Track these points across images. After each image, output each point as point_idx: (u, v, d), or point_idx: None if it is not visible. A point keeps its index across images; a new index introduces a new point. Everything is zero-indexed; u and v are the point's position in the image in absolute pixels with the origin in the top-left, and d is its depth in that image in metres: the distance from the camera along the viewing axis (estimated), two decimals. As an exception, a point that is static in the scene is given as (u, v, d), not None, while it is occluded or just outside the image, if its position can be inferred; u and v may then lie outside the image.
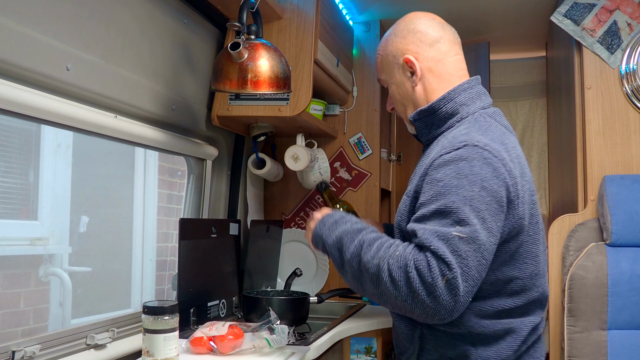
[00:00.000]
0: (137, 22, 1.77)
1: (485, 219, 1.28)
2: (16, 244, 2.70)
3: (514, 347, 1.42)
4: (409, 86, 1.53)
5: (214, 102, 2.22)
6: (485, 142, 1.36)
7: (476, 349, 1.41)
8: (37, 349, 1.45)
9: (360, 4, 2.65)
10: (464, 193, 1.29)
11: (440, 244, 1.25)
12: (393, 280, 1.28)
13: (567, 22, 2.32)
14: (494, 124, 1.46)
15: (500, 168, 1.33)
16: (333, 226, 1.43)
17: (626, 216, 2.12)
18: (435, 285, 1.23)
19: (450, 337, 1.42)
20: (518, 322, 1.42)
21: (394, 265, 1.28)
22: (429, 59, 1.52)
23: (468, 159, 1.32)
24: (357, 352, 2.44)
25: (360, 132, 2.79)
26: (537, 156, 3.39)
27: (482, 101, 1.52)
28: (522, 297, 1.42)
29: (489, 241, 1.28)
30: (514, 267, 1.40)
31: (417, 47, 1.52)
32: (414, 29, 1.53)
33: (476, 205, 1.28)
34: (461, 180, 1.30)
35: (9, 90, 1.35)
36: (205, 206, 2.38)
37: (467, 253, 1.25)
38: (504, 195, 1.32)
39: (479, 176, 1.31)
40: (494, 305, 1.40)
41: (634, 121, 2.27)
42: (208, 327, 1.70)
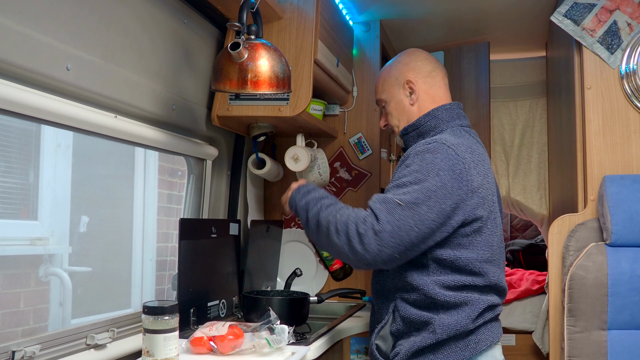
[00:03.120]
0: (137, 22, 1.77)
1: (430, 197, 1.57)
2: (16, 244, 2.70)
3: (471, 317, 1.64)
4: (407, 103, 1.85)
5: (214, 102, 2.22)
6: (453, 142, 1.67)
7: (439, 316, 1.64)
8: (37, 349, 1.45)
9: (360, 4, 2.65)
10: (419, 176, 1.60)
11: (379, 205, 1.58)
12: (337, 231, 1.60)
13: (567, 22, 2.32)
14: (467, 136, 1.76)
15: (458, 164, 1.63)
16: (305, 194, 1.76)
17: (626, 216, 2.12)
18: (365, 235, 1.55)
19: (418, 307, 1.67)
20: (476, 297, 1.66)
21: (340, 220, 1.61)
22: (425, 83, 1.85)
23: (433, 151, 1.64)
24: (357, 352, 2.45)
25: (360, 132, 2.79)
26: (537, 156, 3.39)
27: (460, 121, 1.82)
28: (481, 279, 1.66)
29: (426, 216, 1.56)
30: (471, 250, 1.65)
31: (416, 74, 1.86)
32: (415, 61, 1.88)
33: (426, 186, 1.58)
34: (422, 166, 1.61)
35: (9, 90, 1.35)
36: (205, 206, 2.38)
37: (400, 215, 1.55)
38: (455, 187, 1.60)
39: (437, 166, 1.61)
40: (455, 279, 1.65)
41: (634, 121, 2.27)
42: (208, 327, 1.70)
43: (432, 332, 1.63)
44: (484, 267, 1.67)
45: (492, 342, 1.69)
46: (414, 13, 2.77)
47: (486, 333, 1.68)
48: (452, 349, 1.64)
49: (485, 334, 1.68)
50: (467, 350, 1.65)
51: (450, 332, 1.63)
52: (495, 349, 1.71)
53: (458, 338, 1.65)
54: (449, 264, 1.65)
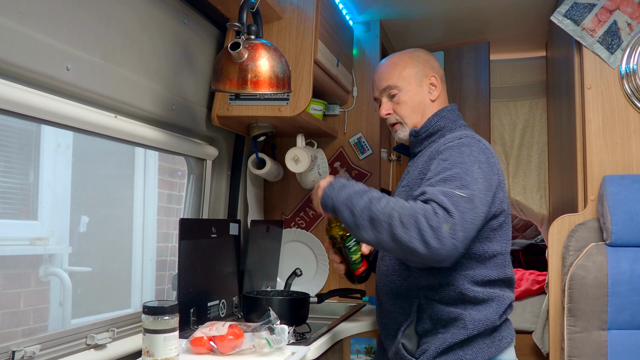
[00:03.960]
0: (137, 22, 1.77)
1: (480, 189, 1.56)
2: (16, 244, 2.70)
3: (499, 312, 1.66)
4: (427, 97, 1.85)
5: (214, 102, 2.22)
6: (480, 138, 1.73)
7: (468, 312, 1.64)
8: (37, 349, 1.45)
9: (360, 4, 2.65)
10: (466, 167, 1.58)
11: (444, 198, 1.50)
12: (403, 225, 1.47)
13: (567, 22, 2.32)
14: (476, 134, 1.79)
15: (491, 158, 1.67)
16: (341, 188, 1.62)
17: (626, 216, 2.12)
18: (440, 228, 1.45)
19: (445, 303, 1.66)
20: (501, 293, 1.68)
21: (403, 213, 1.48)
22: (442, 84, 1.90)
23: (469, 145, 1.65)
24: (357, 352, 2.45)
25: (360, 132, 2.79)
26: (537, 156, 3.39)
27: (461, 121, 1.87)
28: (502, 272, 1.69)
29: (480, 207, 1.55)
30: (497, 243, 1.67)
31: (436, 72, 1.89)
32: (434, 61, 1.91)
33: (474, 177, 1.57)
34: (463, 158, 1.61)
35: (9, 90, 1.35)
36: (205, 206, 2.38)
37: (465, 209, 1.50)
38: (493, 178, 1.62)
39: (477, 158, 1.62)
40: (482, 274, 1.66)
41: (634, 121, 2.27)
42: (208, 327, 1.70)
43: (464, 327, 1.63)
44: (505, 259, 1.71)
45: (512, 338, 1.72)
46: (414, 13, 2.77)
47: (507, 330, 1.72)
48: (480, 346, 1.65)
49: (507, 331, 1.71)
50: (493, 347, 1.66)
51: (480, 328, 1.63)
52: (512, 346, 1.75)
53: (485, 334, 1.66)
54: (477, 258, 1.65)
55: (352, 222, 1.56)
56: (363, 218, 1.53)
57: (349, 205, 1.57)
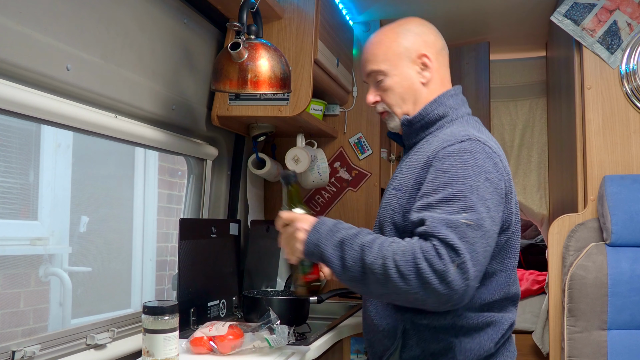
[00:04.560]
0: (137, 22, 1.77)
1: (490, 207, 1.33)
2: (16, 244, 2.71)
3: (495, 340, 1.46)
4: (417, 80, 1.55)
5: (214, 102, 2.22)
6: (484, 138, 1.44)
7: (460, 340, 1.44)
8: (37, 349, 1.45)
9: (360, 4, 2.65)
10: (471, 182, 1.33)
11: (448, 232, 1.27)
12: (402, 276, 1.27)
13: (567, 22, 2.32)
14: (479, 125, 1.55)
15: (499, 163, 1.41)
16: (329, 234, 1.37)
17: (626, 216, 2.12)
18: (447, 271, 1.25)
19: (434, 330, 1.44)
20: (499, 316, 1.47)
21: (400, 260, 1.28)
22: (437, 61, 1.58)
23: (472, 151, 1.38)
24: (357, 352, 2.45)
25: (360, 132, 2.79)
26: (537, 156, 3.38)
27: (465, 108, 1.59)
28: (503, 291, 1.47)
29: (492, 229, 1.33)
30: (500, 261, 1.45)
31: (430, 48, 1.57)
32: (427, 33, 1.59)
33: (482, 194, 1.33)
34: (467, 171, 1.35)
35: (9, 90, 1.35)
36: (205, 206, 2.38)
37: (475, 239, 1.28)
38: (503, 189, 1.40)
39: (483, 168, 1.37)
40: (479, 297, 1.44)
41: (634, 121, 2.27)
42: (208, 327, 1.70)
43: (453, 357, 1.44)
44: (509, 276, 1.48)
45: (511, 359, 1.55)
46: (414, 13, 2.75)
47: (505, 353, 1.52)
48: None
49: (505, 355, 1.52)
50: None
51: (472, 358, 1.45)
52: None
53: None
54: None
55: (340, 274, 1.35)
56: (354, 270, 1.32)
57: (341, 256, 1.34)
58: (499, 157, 1.43)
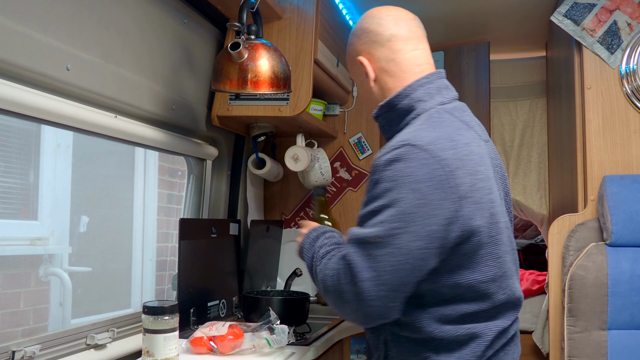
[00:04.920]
0: (137, 22, 1.77)
1: (412, 220, 1.25)
2: (16, 244, 2.71)
3: (477, 353, 1.35)
4: (367, 86, 1.49)
5: (214, 102, 2.22)
6: (428, 140, 1.30)
7: (438, 355, 1.35)
8: (37, 349, 1.45)
9: (360, 4, 2.65)
10: (394, 195, 1.26)
11: (354, 249, 1.29)
12: (326, 289, 1.35)
13: (567, 22, 2.32)
14: (449, 119, 1.38)
15: (437, 170, 1.27)
16: (313, 241, 1.47)
17: (626, 216, 2.12)
18: (343, 291, 1.29)
19: (413, 343, 1.37)
20: (482, 327, 1.36)
21: (327, 275, 1.35)
22: (382, 58, 1.46)
23: (404, 159, 1.28)
24: (357, 352, 2.45)
25: (360, 132, 2.79)
26: (537, 156, 3.38)
27: (442, 96, 1.43)
28: (488, 301, 1.36)
29: (412, 245, 1.25)
30: (475, 270, 1.33)
31: (369, 47, 1.47)
32: (367, 29, 1.48)
33: (402, 208, 1.25)
34: (394, 182, 1.27)
35: (9, 90, 1.35)
36: (205, 206, 2.38)
37: (380, 257, 1.25)
38: (442, 198, 1.26)
39: (411, 178, 1.26)
40: (456, 309, 1.34)
41: (634, 121, 2.27)
42: (208, 327, 1.70)
43: None
44: (491, 286, 1.35)
45: None
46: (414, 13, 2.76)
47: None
48: None
49: None
50: None
51: None
52: None
53: None
54: (449, 291, 1.33)
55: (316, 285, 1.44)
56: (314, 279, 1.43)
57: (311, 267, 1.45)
58: (439, 162, 1.27)
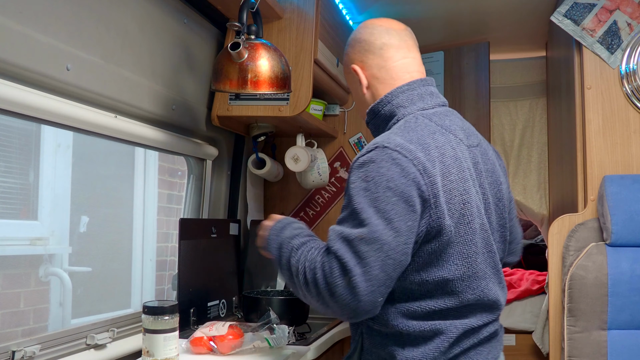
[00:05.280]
0: (137, 22, 1.77)
1: (392, 219, 1.30)
2: (16, 244, 2.71)
3: (441, 349, 1.39)
4: (361, 92, 1.58)
5: (214, 102, 2.22)
6: (398, 142, 1.37)
7: (403, 349, 1.40)
8: (37, 349, 1.45)
9: (360, 4, 2.65)
10: (370, 195, 1.32)
11: (341, 246, 1.31)
12: (306, 282, 1.35)
13: (567, 22, 2.32)
14: (423, 123, 1.45)
15: (409, 168, 1.33)
16: (279, 232, 1.48)
17: (626, 216, 2.12)
18: (335, 285, 1.29)
19: (384, 337, 1.43)
20: (448, 324, 1.39)
21: (307, 267, 1.35)
22: (373, 66, 1.55)
23: (376, 160, 1.35)
24: (357, 352, 2.44)
25: (360, 132, 2.79)
26: (537, 156, 3.38)
27: (423, 102, 1.50)
28: (455, 300, 1.39)
29: (395, 241, 1.29)
30: (443, 268, 1.38)
31: (362, 55, 1.56)
32: (360, 39, 1.57)
33: (381, 206, 1.31)
34: (368, 183, 1.33)
35: (9, 90, 1.35)
36: (205, 206, 2.38)
37: (368, 253, 1.28)
38: (415, 194, 1.32)
39: (385, 177, 1.32)
40: (422, 306, 1.39)
41: (634, 121, 2.27)
42: (208, 327, 1.70)
43: None
44: (460, 285, 1.39)
45: None
46: (414, 13, 2.77)
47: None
48: None
49: None
50: None
51: None
52: None
53: None
54: (417, 288, 1.38)
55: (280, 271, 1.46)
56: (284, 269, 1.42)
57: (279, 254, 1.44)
58: (411, 161, 1.34)
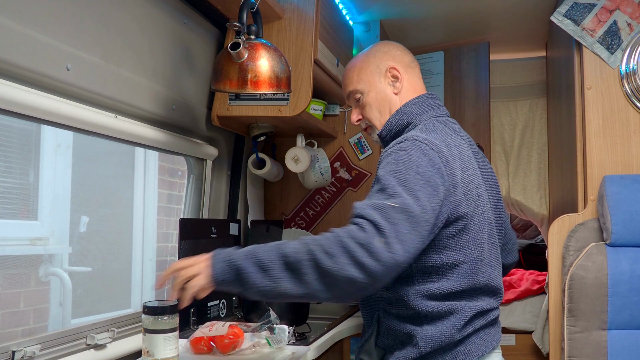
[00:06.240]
0: (137, 22, 1.77)
1: (419, 197, 1.40)
2: (16, 244, 2.71)
3: (457, 326, 1.51)
4: (390, 92, 1.71)
5: (214, 102, 2.22)
6: (425, 137, 1.52)
7: (422, 328, 1.51)
8: (37, 349, 1.45)
9: (360, 4, 2.65)
10: (400, 176, 1.43)
11: (373, 212, 1.36)
12: (330, 254, 1.31)
13: (567, 22, 2.32)
14: (441, 128, 1.62)
15: (435, 158, 1.48)
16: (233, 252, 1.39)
17: (626, 216, 2.12)
18: (371, 244, 1.31)
19: (401, 319, 1.54)
20: (462, 304, 1.52)
21: (325, 243, 1.33)
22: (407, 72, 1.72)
23: (407, 149, 1.48)
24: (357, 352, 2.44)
25: (360, 132, 2.79)
26: (537, 156, 3.38)
27: (434, 111, 1.68)
28: (468, 281, 1.53)
29: (421, 215, 1.38)
30: (459, 251, 1.51)
31: (397, 62, 1.72)
32: (394, 50, 1.74)
33: (410, 185, 1.41)
34: (399, 166, 1.45)
35: (9, 90, 1.35)
36: (205, 206, 2.38)
37: (399, 220, 1.35)
38: (439, 182, 1.45)
39: (415, 163, 1.45)
40: (440, 287, 1.51)
41: (634, 121, 2.27)
42: (208, 327, 1.70)
43: (415, 345, 1.51)
44: (473, 267, 1.54)
45: (485, 351, 1.56)
46: (414, 13, 2.77)
47: (477, 342, 1.55)
48: None
49: (477, 343, 1.55)
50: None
51: (434, 345, 1.50)
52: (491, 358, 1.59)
53: (444, 350, 1.52)
54: (435, 270, 1.51)
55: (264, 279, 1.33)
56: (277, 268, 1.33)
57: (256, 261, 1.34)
58: (437, 152, 1.49)
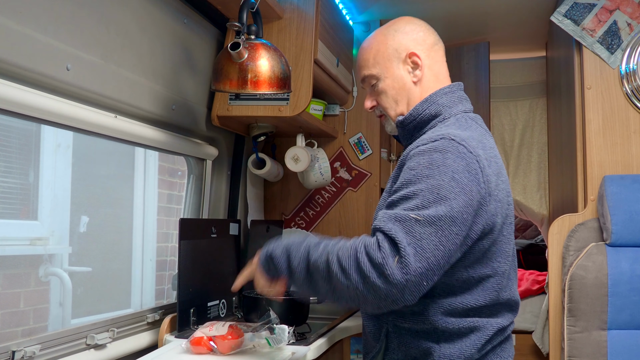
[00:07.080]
0: (137, 22, 1.77)
1: (453, 207, 1.27)
2: (16, 244, 2.70)
3: (477, 346, 1.40)
4: (409, 80, 1.54)
5: (214, 102, 2.22)
6: (463, 137, 1.37)
7: (440, 346, 1.40)
8: (37, 349, 1.45)
9: (360, 4, 2.65)
10: (432, 182, 1.29)
11: (393, 225, 1.25)
12: (343, 270, 1.27)
13: (567, 22, 2.32)
14: (474, 125, 1.50)
15: (473, 164, 1.34)
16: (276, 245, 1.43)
17: (626, 216, 2.12)
18: (385, 264, 1.22)
19: (415, 334, 1.42)
20: (484, 322, 1.41)
21: (343, 255, 1.28)
22: (429, 57, 1.55)
23: (443, 150, 1.33)
24: (357, 352, 2.45)
25: (360, 132, 2.79)
26: (537, 156, 3.39)
27: (463, 105, 1.55)
28: (493, 296, 1.41)
29: (449, 229, 1.26)
30: (488, 265, 1.39)
31: (419, 45, 1.55)
32: (416, 31, 1.57)
33: (442, 193, 1.28)
34: (432, 170, 1.31)
35: (9, 90, 1.35)
36: (205, 206, 2.38)
37: (422, 235, 1.24)
38: (475, 190, 1.32)
39: (451, 168, 1.31)
40: (463, 302, 1.39)
41: (634, 121, 2.27)
42: (208, 327, 1.70)
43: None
44: (500, 282, 1.42)
45: None
46: (414, 13, 2.75)
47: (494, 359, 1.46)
48: None
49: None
50: None
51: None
52: None
53: None
54: (461, 285, 1.38)
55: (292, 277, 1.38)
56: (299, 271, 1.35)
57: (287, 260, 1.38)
58: (475, 157, 1.35)
